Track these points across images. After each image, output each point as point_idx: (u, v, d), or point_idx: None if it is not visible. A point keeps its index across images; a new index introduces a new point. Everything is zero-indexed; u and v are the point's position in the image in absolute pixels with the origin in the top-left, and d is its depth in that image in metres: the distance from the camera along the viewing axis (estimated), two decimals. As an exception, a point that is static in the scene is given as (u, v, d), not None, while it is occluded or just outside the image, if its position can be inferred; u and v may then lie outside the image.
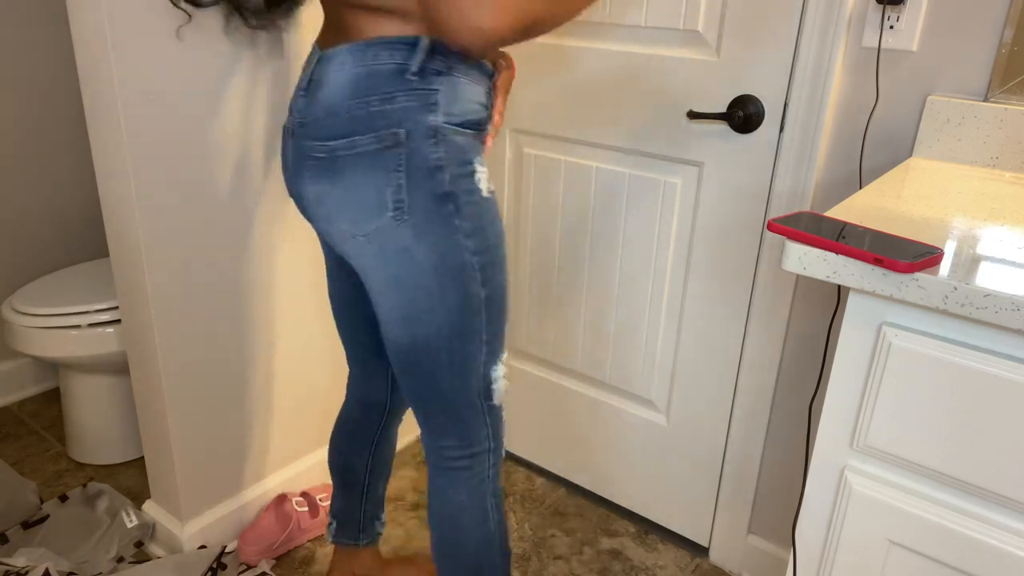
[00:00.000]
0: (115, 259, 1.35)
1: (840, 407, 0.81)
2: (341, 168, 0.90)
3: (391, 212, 0.90)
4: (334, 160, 0.90)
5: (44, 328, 1.66)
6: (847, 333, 0.78)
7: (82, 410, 1.80)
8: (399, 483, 1.83)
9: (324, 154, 0.91)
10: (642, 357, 1.62)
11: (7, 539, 1.53)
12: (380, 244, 0.92)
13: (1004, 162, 1.12)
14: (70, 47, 2.00)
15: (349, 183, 0.90)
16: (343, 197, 0.91)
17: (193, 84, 1.26)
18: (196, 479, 1.49)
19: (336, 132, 0.89)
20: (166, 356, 1.37)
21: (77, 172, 2.10)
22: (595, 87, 1.52)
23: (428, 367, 0.99)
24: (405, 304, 0.95)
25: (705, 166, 1.42)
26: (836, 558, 0.85)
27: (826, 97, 1.24)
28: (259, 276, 1.48)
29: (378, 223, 0.91)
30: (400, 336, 0.98)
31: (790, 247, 0.76)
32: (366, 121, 0.88)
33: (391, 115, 0.87)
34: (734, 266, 1.44)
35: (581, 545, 1.67)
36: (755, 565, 1.57)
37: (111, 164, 1.25)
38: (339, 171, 0.91)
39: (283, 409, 1.63)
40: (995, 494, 0.74)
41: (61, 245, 2.12)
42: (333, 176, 0.91)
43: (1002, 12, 1.09)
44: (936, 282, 0.68)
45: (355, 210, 0.91)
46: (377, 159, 0.88)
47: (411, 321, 0.96)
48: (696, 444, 1.60)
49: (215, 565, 1.48)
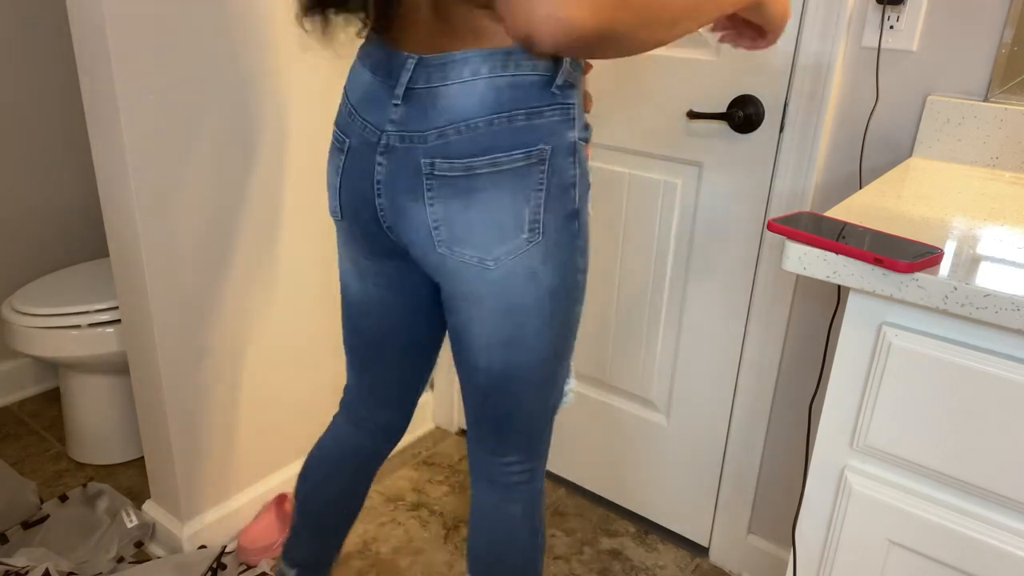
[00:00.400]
0: (115, 259, 1.35)
1: (840, 407, 0.81)
2: (479, 188, 0.81)
3: (526, 234, 0.83)
4: (471, 179, 0.81)
5: (44, 328, 1.66)
6: (847, 333, 0.78)
7: (82, 410, 1.80)
8: (399, 483, 1.83)
9: (458, 173, 0.81)
10: (642, 357, 1.62)
11: (7, 539, 1.53)
12: (508, 269, 0.85)
13: (1004, 162, 1.12)
14: (70, 47, 2.00)
15: (486, 204, 0.82)
16: (477, 219, 0.83)
17: (194, 83, 1.26)
18: (196, 479, 1.49)
19: (474, 148, 0.80)
20: (166, 356, 1.37)
21: (77, 172, 2.10)
22: (595, 87, 1.51)
23: (517, 390, 0.93)
24: (513, 329, 0.88)
25: (705, 166, 1.42)
26: (836, 558, 0.85)
27: (826, 97, 1.24)
28: (260, 276, 1.48)
29: (510, 246, 0.83)
30: (495, 362, 0.91)
31: (790, 247, 0.76)
32: (511, 137, 0.80)
33: (539, 130, 0.81)
34: (734, 266, 1.44)
35: (581, 545, 1.67)
36: (755, 565, 1.57)
37: (111, 164, 1.25)
38: (476, 191, 0.82)
39: (283, 409, 1.63)
40: (995, 494, 0.74)
41: (61, 245, 2.12)
42: (468, 197, 0.82)
43: (1002, 12, 1.09)
44: (936, 282, 0.68)
45: (490, 233, 0.83)
46: (520, 178, 0.81)
47: (513, 346, 0.89)
48: (696, 444, 1.60)
49: (215, 565, 1.48)
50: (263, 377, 1.56)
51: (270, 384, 1.58)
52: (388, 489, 1.81)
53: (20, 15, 1.89)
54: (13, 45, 1.90)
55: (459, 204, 0.82)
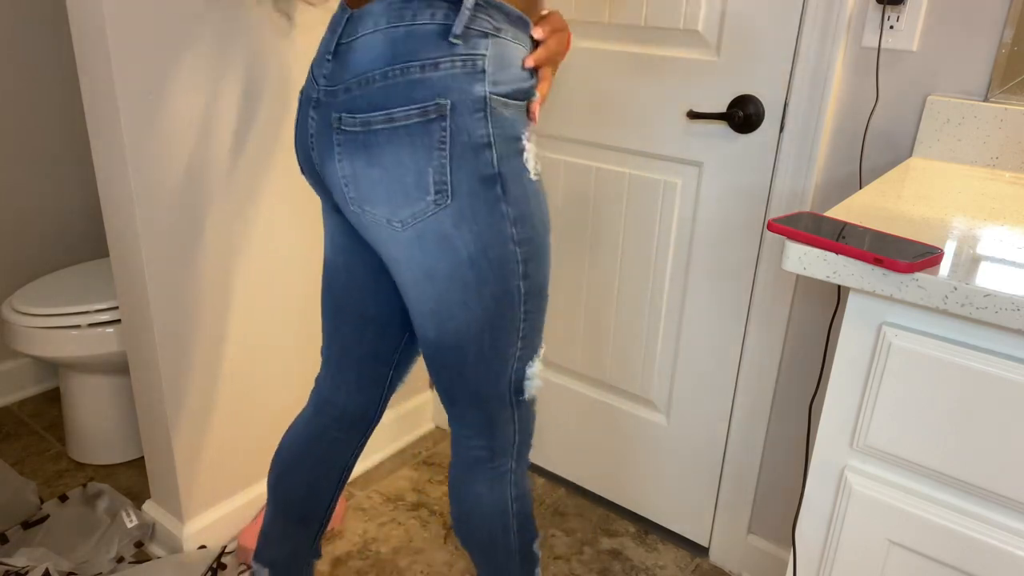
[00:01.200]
0: (115, 259, 1.35)
1: (840, 407, 0.81)
2: (378, 145, 0.80)
3: (432, 196, 0.80)
4: (369, 135, 0.80)
5: (44, 328, 1.66)
6: (847, 333, 0.78)
7: (82, 410, 1.80)
8: (399, 483, 1.83)
9: (358, 128, 0.80)
10: (642, 357, 1.62)
11: (7, 539, 1.53)
12: (418, 232, 0.82)
13: (1004, 162, 1.12)
14: (70, 46, 2.00)
15: (387, 162, 0.80)
16: (380, 178, 0.81)
17: (194, 83, 1.26)
18: (196, 479, 1.49)
19: (371, 103, 0.78)
20: (166, 356, 1.37)
21: (77, 172, 2.10)
22: (595, 87, 1.51)
23: (456, 361, 0.92)
24: (437, 297, 0.87)
25: (705, 166, 1.42)
26: (836, 558, 0.85)
27: (826, 97, 1.24)
28: (260, 275, 1.48)
29: (417, 208, 0.81)
30: (428, 330, 0.90)
31: (790, 247, 0.76)
32: (405, 90, 0.77)
33: (434, 83, 0.77)
34: (734, 266, 1.44)
35: (581, 545, 1.67)
36: (755, 565, 1.57)
37: (111, 164, 1.25)
38: (375, 148, 0.80)
39: (283, 409, 1.63)
40: (995, 494, 0.74)
41: (61, 245, 2.11)
42: (369, 154, 0.81)
43: (1002, 12, 1.09)
44: (936, 282, 0.68)
45: (393, 193, 0.81)
46: (418, 135, 0.78)
47: (441, 315, 0.88)
48: (696, 444, 1.60)
49: (215, 565, 1.48)
50: (264, 377, 1.56)
51: (271, 384, 1.58)
52: (388, 489, 1.81)
53: (20, 15, 1.89)
54: (13, 45, 1.90)
55: (363, 161, 0.81)
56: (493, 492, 1.02)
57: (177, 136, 1.27)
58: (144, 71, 1.19)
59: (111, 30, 1.13)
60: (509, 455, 1.02)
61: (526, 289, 0.89)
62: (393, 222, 0.83)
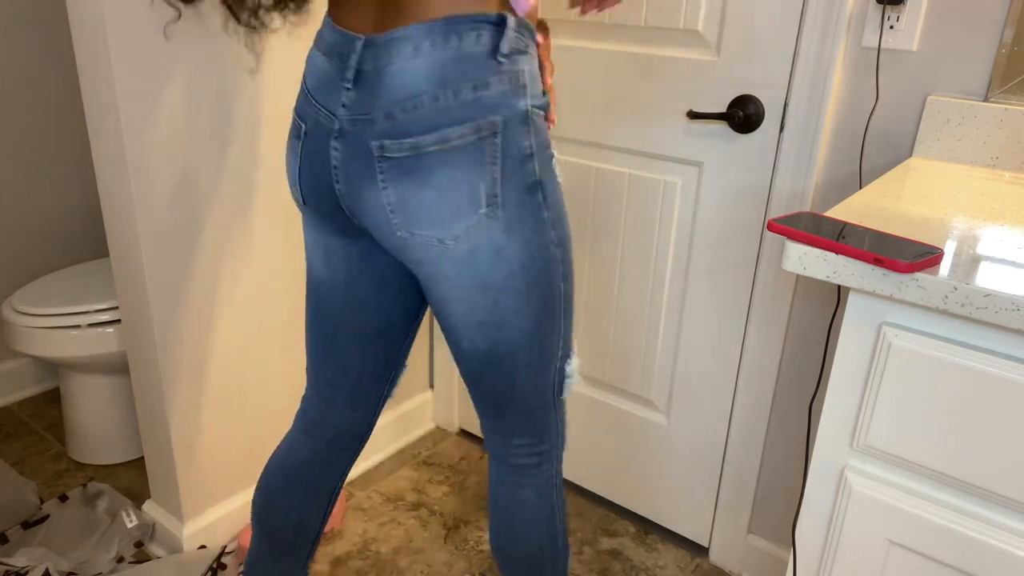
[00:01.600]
0: (115, 259, 1.35)
1: (840, 407, 0.81)
2: (429, 167, 0.80)
3: (484, 209, 0.81)
4: (419, 159, 0.80)
5: (44, 328, 1.66)
6: (847, 333, 0.78)
7: (82, 410, 1.80)
8: (399, 483, 1.83)
9: (406, 153, 0.80)
10: (642, 357, 1.62)
11: (7, 539, 1.53)
12: (471, 246, 0.83)
13: (1004, 162, 1.12)
14: (70, 47, 2.00)
15: (440, 183, 0.80)
16: (433, 200, 0.81)
17: (194, 83, 1.26)
18: (196, 479, 1.49)
19: (420, 127, 0.79)
20: (166, 356, 1.37)
21: (77, 172, 2.10)
22: (595, 87, 1.51)
23: (506, 370, 0.92)
24: (490, 307, 0.87)
25: (705, 166, 1.42)
26: (836, 558, 0.85)
27: (826, 97, 1.24)
28: (261, 275, 1.48)
29: (469, 222, 0.82)
30: (478, 342, 0.90)
31: (790, 247, 0.76)
32: (459, 112, 0.78)
33: (487, 103, 0.79)
34: (734, 266, 1.44)
35: (581, 545, 1.67)
36: (755, 565, 1.57)
37: (111, 164, 1.25)
38: (426, 171, 0.80)
39: (283, 408, 1.63)
40: (995, 494, 0.74)
41: (61, 245, 2.12)
42: (419, 177, 0.81)
43: (1002, 12, 1.09)
44: (936, 282, 0.68)
45: (446, 212, 0.81)
46: (472, 153, 0.80)
47: (494, 325, 0.88)
48: (696, 444, 1.60)
49: (215, 565, 1.48)
50: (264, 377, 1.56)
51: (271, 384, 1.58)
52: (388, 489, 1.81)
53: (20, 15, 1.89)
54: (13, 45, 1.90)
55: (412, 185, 0.81)
56: (541, 499, 1.02)
57: (177, 136, 1.27)
58: (144, 71, 1.19)
59: (111, 30, 1.13)
60: (553, 458, 1.03)
61: (565, 289, 0.92)
62: (446, 240, 0.83)
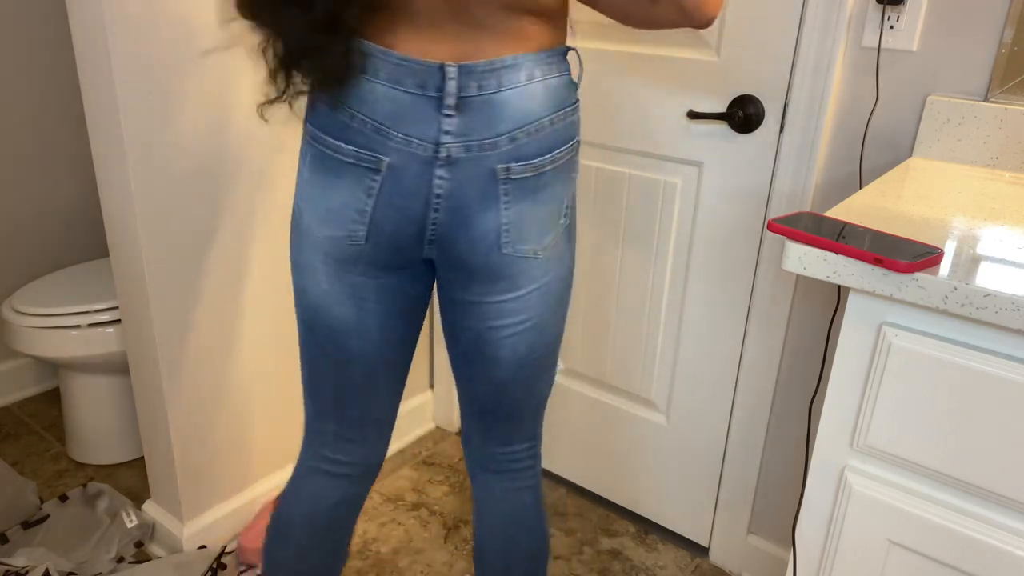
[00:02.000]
0: (115, 259, 1.35)
1: (840, 407, 0.81)
2: (545, 184, 0.87)
3: (563, 219, 0.91)
4: (538, 178, 0.86)
5: (44, 328, 1.66)
6: (847, 333, 0.78)
7: (82, 410, 1.80)
8: (399, 483, 1.83)
9: (530, 173, 0.86)
10: (642, 357, 1.62)
11: (7, 539, 1.53)
12: (548, 255, 0.91)
13: (1004, 162, 1.12)
14: (70, 46, 2.00)
15: (548, 199, 0.88)
16: (542, 215, 0.88)
17: (194, 83, 1.26)
18: (196, 479, 1.49)
19: (542, 148, 0.85)
20: (166, 356, 1.37)
21: (77, 172, 2.10)
22: (595, 87, 1.51)
23: (534, 374, 0.97)
24: (541, 313, 0.93)
25: (705, 166, 1.42)
26: (836, 558, 0.85)
27: (826, 97, 1.24)
28: (261, 275, 1.48)
29: (554, 232, 0.90)
30: (520, 348, 0.94)
31: (790, 247, 0.76)
32: (564, 133, 0.87)
33: (574, 124, 0.88)
34: (734, 266, 1.44)
35: (581, 545, 1.67)
36: (755, 565, 1.57)
37: (111, 164, 1.25)
38: (542, 188, 0.87)
39: (283, 409, 1.63)
40: (995, 494, 0.74)
41: (61, 245, 2.12)
42: (536, 195, 0.87)
43: (1002, 12, 1.09)
44: (936, 282, 0.68)
45: (545, 224, 0.89)
46: (567, 170, 0.89)
47: (538, 330, 0.94)
48: (696, 444, 1.60)
49: (215, 565, 1.48)
50: (263, 377, 1.56)
51: (271, 384, 1.58)
52: (388, 489, 1.81)
53: (20, 15, 1.89)
54: (13, 45, 1.90)
55: (529, 203, 0.87)
56: (536, 499, 1.06)
57: (177, 136, 1.27)
58: (144, 71, 1.19)
59: (111, 30, 1.13)
60: (540, 457, 1.07)
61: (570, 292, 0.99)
62: (538, 251, 0.90)
